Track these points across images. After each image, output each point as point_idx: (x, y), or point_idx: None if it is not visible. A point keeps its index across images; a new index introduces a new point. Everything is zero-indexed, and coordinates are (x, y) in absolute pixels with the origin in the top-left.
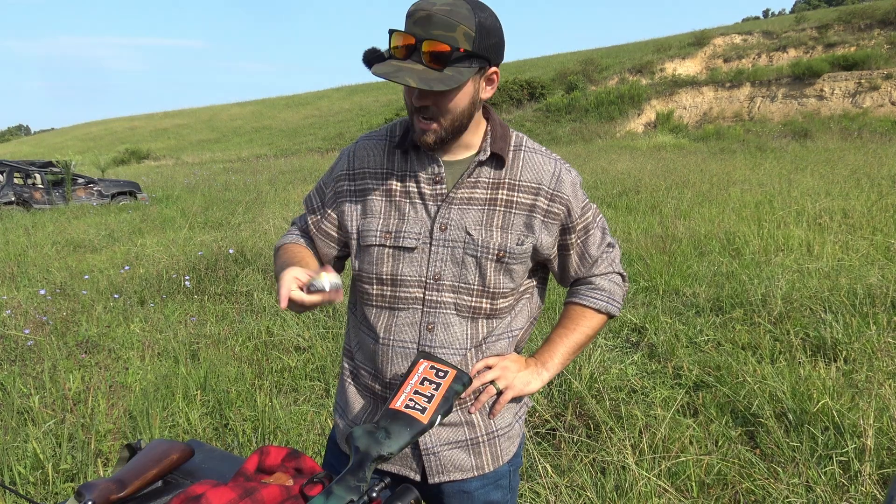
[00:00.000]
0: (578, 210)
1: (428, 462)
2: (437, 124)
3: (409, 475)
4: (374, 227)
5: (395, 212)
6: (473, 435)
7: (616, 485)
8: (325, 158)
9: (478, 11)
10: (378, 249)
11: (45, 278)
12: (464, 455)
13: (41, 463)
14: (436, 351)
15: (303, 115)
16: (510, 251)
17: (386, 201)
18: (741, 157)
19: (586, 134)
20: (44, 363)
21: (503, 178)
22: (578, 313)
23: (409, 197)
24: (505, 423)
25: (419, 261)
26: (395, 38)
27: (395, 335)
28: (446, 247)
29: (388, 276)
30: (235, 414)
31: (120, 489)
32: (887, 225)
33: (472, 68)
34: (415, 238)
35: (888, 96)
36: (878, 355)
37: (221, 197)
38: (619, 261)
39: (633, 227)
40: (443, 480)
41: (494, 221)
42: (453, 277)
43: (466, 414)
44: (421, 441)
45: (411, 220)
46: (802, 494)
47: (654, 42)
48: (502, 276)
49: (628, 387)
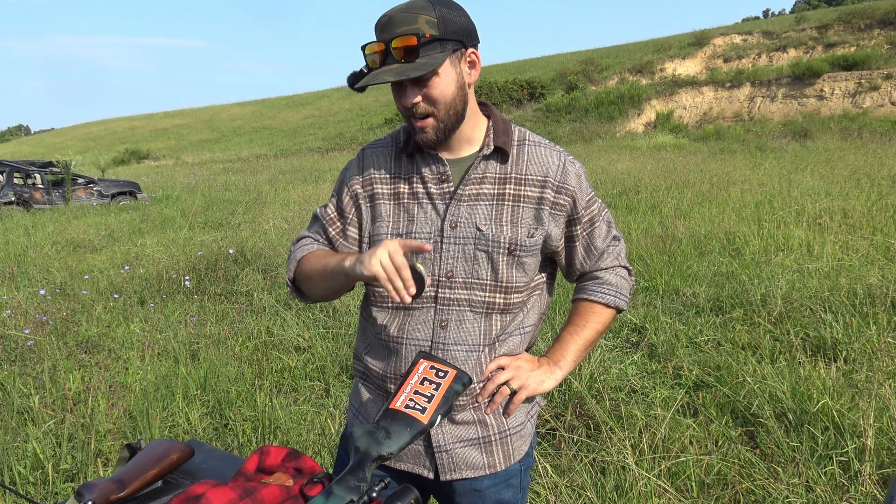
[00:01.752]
0: (584, 201)
1: (440, 459)
2: (433, 118)
3: (422, 473)
4: (385, 231)
5: (405, 214)
6: (486, 433)
7: (616, 485)
8: (325, 158)
9: (435, 1)
10: None
11: (45, 278)
12: (476, 453)
13: (41, 463)
14: (449, 348)
15: (303, 115)
16: (521, 244)
17: (394, 205)
18: (741, 157)
19: (586, 134)
20: (44, 363)
21: (509, 172)
22: (587, 309)
23: (417, 198)
24: (517, 421)
25: (431, 260)
26: (369, 50)
27: (408, 334)
28: (457, 244)
29: None
30: (235, 414)
31: (120, 489)
32: (887, 225)
33: (445, 52)
34: (425, 238)
35: (888, 96)
36: (878, 355)
37: (221, 197)
38: (625, 255)
39: (633, 227)
40: (455, 478)
41: (504, 216)
42: (465, 274)
43: (480, 413)
44: (434, 438)
45: (420, 221)
46: (802, 494)
47: (654, 42)
48: (515, 269)
49: (628, 387)
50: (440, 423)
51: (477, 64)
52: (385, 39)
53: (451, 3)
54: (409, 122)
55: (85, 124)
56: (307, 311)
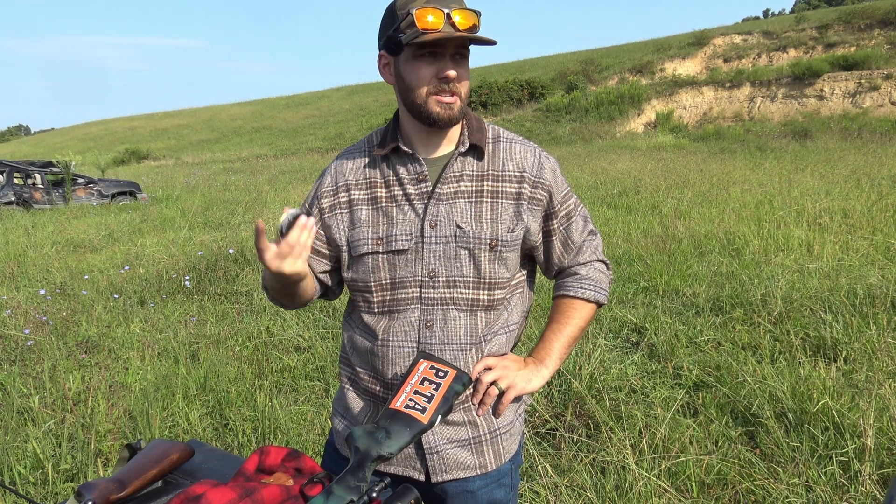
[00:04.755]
0: (560, 196)
1: (431, 461)
2: (458, 98)
3: (412, 475)
4: (365, 236)
5: (384, 217)
6: (476, 434)
7: (616, 485)
8: (325, 158)
9: None
10: (372, 257)
11: (45, 278)
12: (466, 454)
13: (41, 463)
14: (435, 348)
15: (303, 115)
16: (502, 239)
17: (373, 209)
18: (741, 157)
19: (586, 134)
20: (44, 363)
21: (486, 169)
22: (568, 305)
23: (396, 200)
24: (506, 421)
25: (413, 261)
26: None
27: (393, 336)
28: (438, 243)
29: (386, 282)
30: (235, 414)
31: (120, 489)
32: (887, 225)
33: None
34: (406, 239)
35: (888, 96)
36: (878, 355)
37: (221, 197)
38: (602, 250)
39: (633, 227)
40: (446, 479)
41: (483, 213)
42: (447, 272)
43: (469, 413)
44: (424, 440)
45: (400, 223)
46: (802, 494)
47: (654, 42)
48: (497, 265)
49: (628, 387)
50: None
51: None
52: (448, 10)
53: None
54: (427, 99)
55: (85, 124)
56: (307, 311)
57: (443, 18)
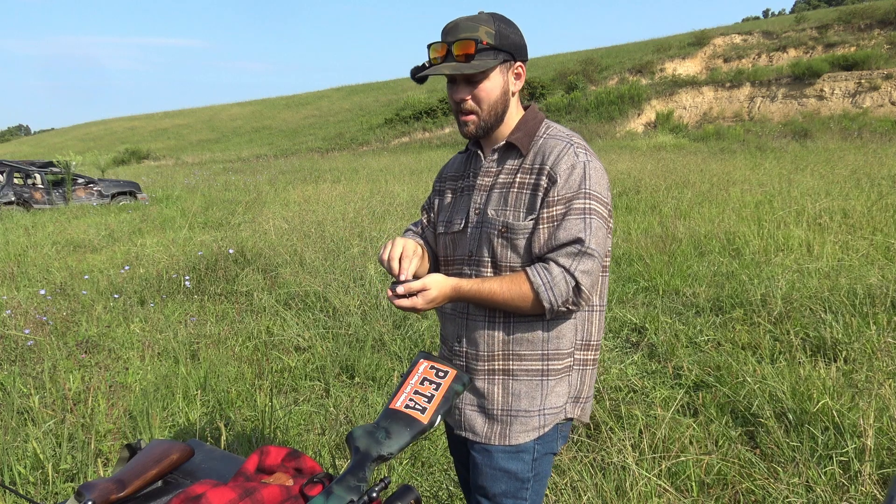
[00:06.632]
0: (563, 190)
1: (455, 414)
2: (475, 115)
3: (451, 424)
4: (442, 219)
5: (453, 205)
6: (490, 406)
7: (616, 485)
8: (324, 158)
9: (496, 18)
10: (442, 237)
11: (45, 278)
12: (480, 419)
13: (41, 463)
14: (469, 317)
15: (303, 115)
16: (511, 226)
17: (453, 197)
18: (741, 157)
19: (586, 134)
20: (44, 363)
21: (524, 163)
22: (516, 273)
23: (464, 190)
24: (521, 407)
25: (463, 242)
26: (433, 49)
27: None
28: (476, 227)
29: (449, 257)
30: (236, 414)
31: (120, 489)
32: (887, 225)
33: (497, 59)
34: (458, 223)
35: (888, 96)
36: (878, 355)
37: (221, 197)
38: (587, 276)
39: (633, 227)
40: (462, 436)
41: (508, 201)
42: (479, 254)
43: (486, 384)
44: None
45: (460, 209)
46: (802, 494)
47: (654, 42)
48: (509, 251)
49: (628, 387)
50: (440, 422)
51: (522, 76)
52: (448, 41)
53: (509, 21)
54: (455, 115)
55: (85, 124)
56: (307, 311)
57: (441, 51)
